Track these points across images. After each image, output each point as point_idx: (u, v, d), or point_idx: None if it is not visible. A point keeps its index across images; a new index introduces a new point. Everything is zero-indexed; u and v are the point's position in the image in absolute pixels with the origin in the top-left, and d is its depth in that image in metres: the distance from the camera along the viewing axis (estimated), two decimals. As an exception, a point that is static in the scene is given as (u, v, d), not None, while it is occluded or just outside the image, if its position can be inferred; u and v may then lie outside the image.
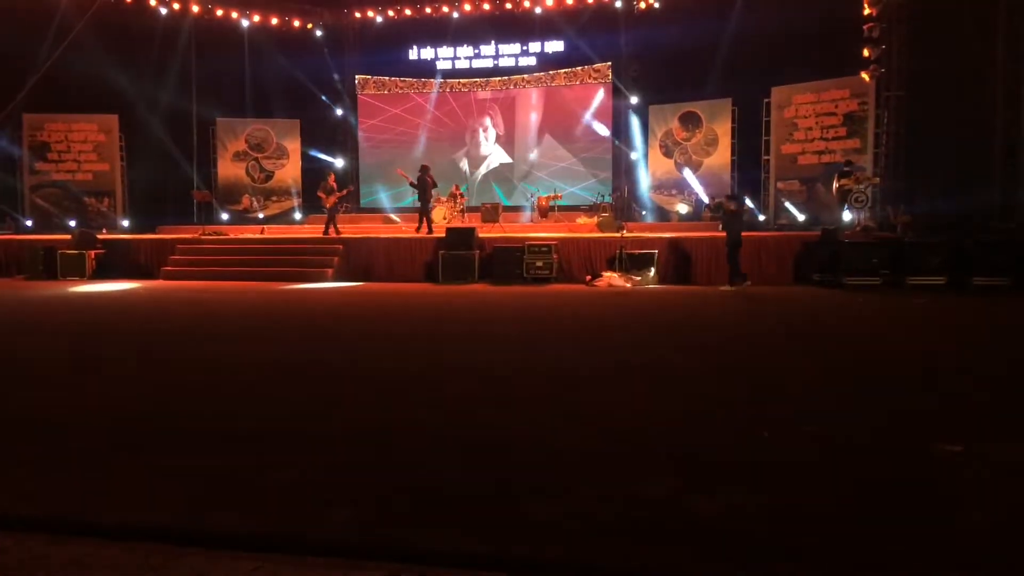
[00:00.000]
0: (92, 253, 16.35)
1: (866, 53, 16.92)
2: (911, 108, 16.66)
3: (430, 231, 17.16)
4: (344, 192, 18.12)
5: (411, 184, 17.87)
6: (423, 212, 17.70)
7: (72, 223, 20.55)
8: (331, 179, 18.14)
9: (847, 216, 16.23)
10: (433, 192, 18.35)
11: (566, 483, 3.60)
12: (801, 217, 18.80)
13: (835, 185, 16.13)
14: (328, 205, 17.54)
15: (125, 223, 22.20)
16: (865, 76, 17.18)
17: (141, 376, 6.33)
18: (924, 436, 4.33)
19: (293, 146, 24.18)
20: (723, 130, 21.17)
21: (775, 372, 6.45)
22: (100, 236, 17.55)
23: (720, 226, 15.02)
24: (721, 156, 21.23)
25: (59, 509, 3.32)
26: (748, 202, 20.08)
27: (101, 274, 16.19)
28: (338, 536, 3.03)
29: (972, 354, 7.42)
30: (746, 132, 20.62)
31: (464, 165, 24.71)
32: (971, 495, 3.45)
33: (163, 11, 22.16)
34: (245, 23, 23.58)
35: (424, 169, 17.74)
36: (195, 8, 22.53)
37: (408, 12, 23.69)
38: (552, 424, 4.71)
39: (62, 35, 19.88)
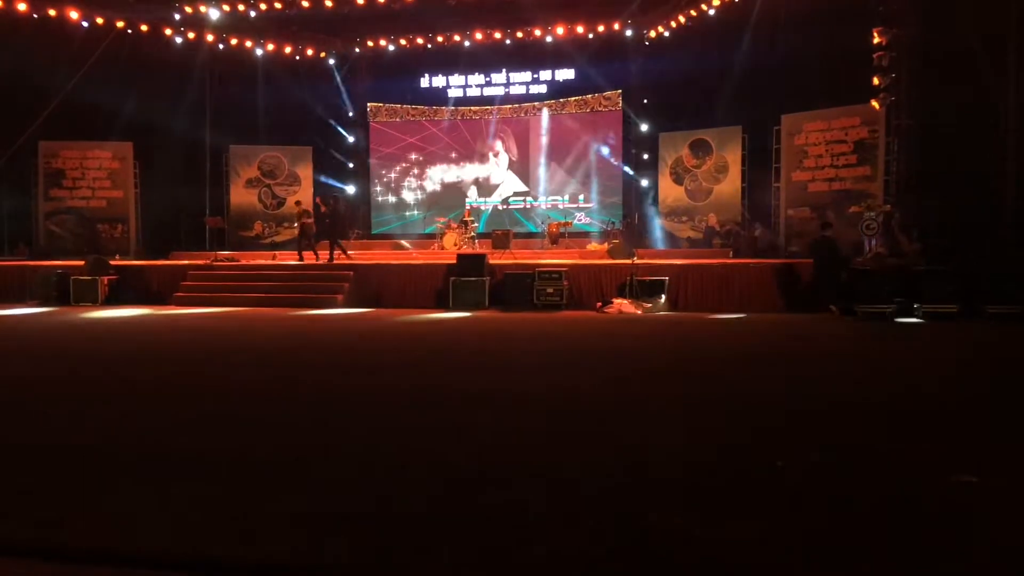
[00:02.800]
0: (105, 279, 16.45)
1: (876, 81, 16.95)
2: (921, 135, 16.65)
3: (331, 259, 17.47)
4: (324, 209, 18.19)
5: (324, 213, 17.92)
6: (334, 238, 17.77)
7: (85, 250, 20.68)
8: (300, 207, 18.96)
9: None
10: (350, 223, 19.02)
11: (571, 512, 3.57)
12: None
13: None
14: (312, 232, 18.23)
15: (138, 250, 22.36)
16: (875, 104, 17.19)
17: (149, 402, 6.33)
18: (937, 467, 4.29)
19: (305, 173, 24.35)
20: (733, 157, 21.22)
21: (783, 401, 6.41)
22: (113, 262, 17.65)
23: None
24: (731, 183, 21.26)
25: (77, 539, 3.31)
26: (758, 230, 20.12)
27: (114, 300, 16.27)
28: (343, 566, 3.01)
29: (986, 384, 7.36)
30: (756, 159, 20.65)
31: (474, 192, 24.83)
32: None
33: (178, 40, 22.45)
34: (259, 52, 23.87)
35: (336, 199, 17.87)
36: (210, 37, 22.82)
37: (420, 41, 23.92)
38: (558, 453, 4.68)
39: (78, 63, 20.14)
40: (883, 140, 17.58)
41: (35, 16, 20.32)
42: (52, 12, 20.48)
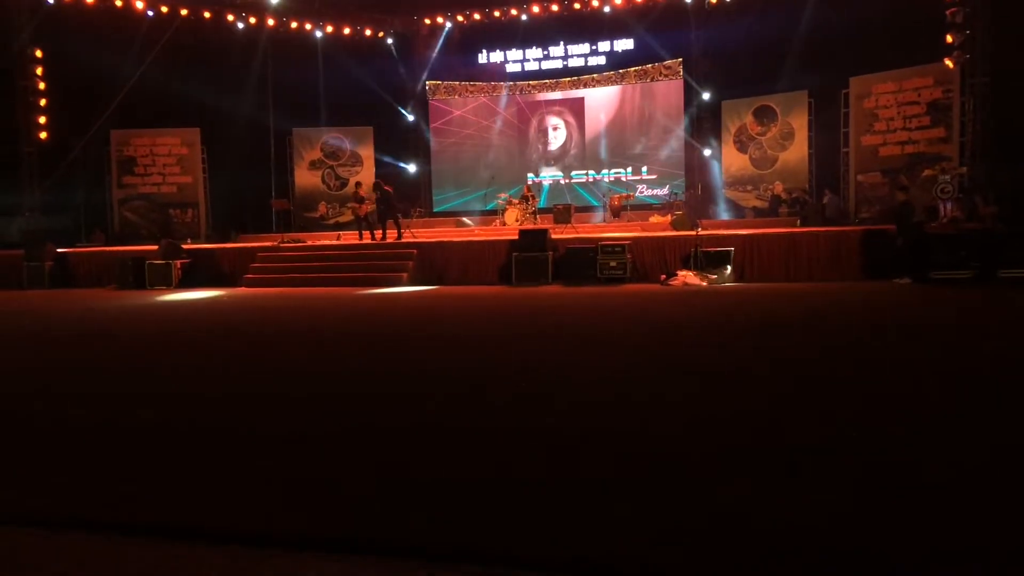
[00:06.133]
0: (178, 263, 16.89)
1: (949, 39, 16.34)
2: (998, 94, 16.02)
3: (399, 237, 17.73)
4: (377, 195, 18.27)
5: (377, 200, 18.01)
6: (392, 218, 17.93)
7: (158, 235, 21.27)
8: (360, 189, 19.14)
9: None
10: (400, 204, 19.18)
11: (640, 485, 3.55)
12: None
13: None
14: (362, 214, 18.53)
15: (209, 234, 22.93)
16: (949, 63, 16.57)
17: (235, 382, 6.50)
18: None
19: (367, 153, 24.59)
20: (799, 123, 20.70)
21: (855, 371, 6.25)
22: (185, 246, 18.11)
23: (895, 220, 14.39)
24: (798, 150, 20.77)
25: (150, 512, 3.41)
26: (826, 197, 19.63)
27: (187, 283, 16.71)
28: (418, 538, 3.04)
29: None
30: (823, 125, 20.12)
31: (535, 166, 24.74)
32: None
33: (240, 25, 22.80)
34: (319, 34, 24.11)
35: (379, 182, 17.93)
36: (271, 21, 23.13)
37: (477, 16, 23.85)
38: (626, 427, 4.66)
39: (145, 52, 20.64)
40: (958, 100, 16.95)
41: (102, 6, 20.85)
42: (118, 3, 21.00)
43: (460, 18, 24.09)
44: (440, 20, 24.25)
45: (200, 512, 3.40)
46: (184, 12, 21.74)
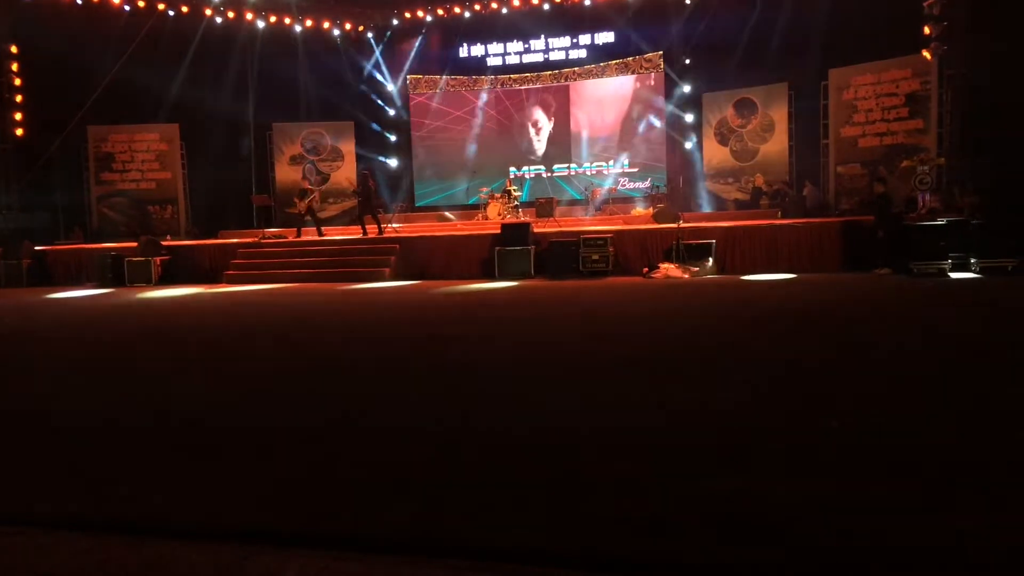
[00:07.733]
0: (158, 260, 16.77)
1: (927, 31, 16.43)
2: (976, 85, 16.13)
3: (380, 232, 17.56)
4: (314, 196, 18.50)
5: (355, 192, 18.06)
6: (371, 214, 17.87)
7: (137, 232, 21.06)
8: (304, 184, 19.57)
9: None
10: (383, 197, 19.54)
11: (628, 478, 3.57)
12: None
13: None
14: (301, 211, 18.79)
15: (190, 229, 22.73)
16: (926, 54, 16.67)
17: (218, 380, 6.46)
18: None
19: (347, 148, 24.46)
20: (779, 115, 20.77)
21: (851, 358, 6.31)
22: (164, 243, 17.97)
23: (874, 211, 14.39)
24: (778, 142, 20.84)
25: (136, 512, 3.40)
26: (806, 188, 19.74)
27: (167, 280, 16.59)
28: (402, 534, 3.04)
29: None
30: (804, 116, 20.20)
31: (517, 160, 24.68)
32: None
33: (218, 20, 22.60)
34: (298, 28, 23.94)
35: (364, 176, 17.93)
36: (249, 15, 22.94)
37: (457, 10, 23.76)
38: (617, 417, 4.68)
39: (122, 47, 20.41)
40: (935, 91, 17.07)
41: (79, 1, 20.62)
42: (95, -3, 20.78)
43: (440, 12, 23.99)
44: (420, 14, 24.14)
45: (185, 510, 3.39)
46: (161, 6, 21.53)
